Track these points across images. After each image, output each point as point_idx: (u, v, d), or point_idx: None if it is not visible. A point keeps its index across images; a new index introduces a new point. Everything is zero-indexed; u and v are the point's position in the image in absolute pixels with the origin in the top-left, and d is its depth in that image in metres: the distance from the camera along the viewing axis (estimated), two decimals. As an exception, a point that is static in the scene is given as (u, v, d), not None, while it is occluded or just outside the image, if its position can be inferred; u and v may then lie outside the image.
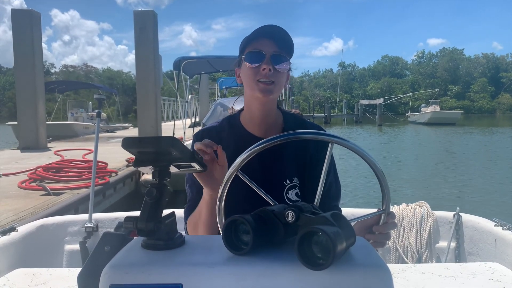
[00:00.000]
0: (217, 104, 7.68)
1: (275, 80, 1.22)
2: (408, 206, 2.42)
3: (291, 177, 1.30)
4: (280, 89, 1.27)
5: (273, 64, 1.21)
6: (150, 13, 11.05)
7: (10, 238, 1.93)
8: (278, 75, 1.23)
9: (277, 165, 1.29)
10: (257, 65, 1.21)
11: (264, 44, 1.22)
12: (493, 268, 1.46)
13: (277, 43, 1.22)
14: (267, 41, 1.22)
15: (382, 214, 1.06)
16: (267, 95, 1.23)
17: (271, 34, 1.22)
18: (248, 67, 1.23)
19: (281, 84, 1.26)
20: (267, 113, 1.30)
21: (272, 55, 1.21)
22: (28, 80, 10.74)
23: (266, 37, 1.22)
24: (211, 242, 0.83)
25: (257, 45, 1.22)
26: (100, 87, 22.96)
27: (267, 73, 1.20)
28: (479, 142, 21.05)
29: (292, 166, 1.31)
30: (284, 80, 1.27)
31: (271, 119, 1.32)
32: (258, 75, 1.21)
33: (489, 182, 9.98)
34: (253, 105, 1.29)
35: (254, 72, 1.22)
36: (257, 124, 1.31)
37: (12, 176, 6.55)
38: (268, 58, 1.21)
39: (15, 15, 10.92)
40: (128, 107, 52.33)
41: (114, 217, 2.32)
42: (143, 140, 0.76)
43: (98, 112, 2.86)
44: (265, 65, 1.20)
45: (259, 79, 1.22)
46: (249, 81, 1.24)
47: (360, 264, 0.71)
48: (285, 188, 1.28)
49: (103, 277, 0.70)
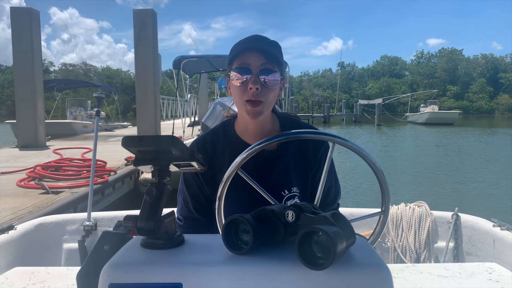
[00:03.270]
0: (216, 103, 7.66)
1: (263, 100, 1.16)
2: (406, 206, 2.42)
3: (290, 187, 1.27)
4: (270, 106, 1.22)
5: (261, 76, 1.15)
6: (149, 12, 11.03)
7: (9, 236, 1.93)
8: (267, 92, 1.17)
9: (275, 175, 1.27)
10: (244, 81, 1.16)
11: (251, 57, 1.16)
12: (491, 268, 1.46)
13: (265, 54, 1.16)
14: (254, 53, 1.16)
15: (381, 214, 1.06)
16: (256, 117, 1.18)
17: (256, 46, 1.17)
18: (235, 85, 1.18)
19: (271, 101, 1.21)
20: (261, 125, 1.26)
21: (261, 69, 1.15)
22: (27, 79, 10.72)
23: (252, 49, 1.16)
24: (211, 242, 0.83)
25: (244, 59, 1.16)
26: (99, 86, 22.96)
27: (254, 92, 1.15)
28: (478, 142, 21.08)
29: (291, 175, 1.29)
30: (275, 94, 1.22)
31: (265, 128, 1.28)
32: (245, 95, 1.16)
33: (487, 182, 9.99)
34: (246, 119, 1.24)
35: (241, 91, 1.17)
36: (252, 135, 1.27)
37: (10, 174, 6.54)
38: (256, 75, 1.15)
39: (14, 13, 10.89)
40: (127, 106, 52.32)
41: (113, 215, 2.31)
42: (143, 139, 0.76)
43: (97, 111, 2.85)
44: (251, 85, 1.14)
45: (247, 99, 1.16)
46: (237, 100, 1.20)
47: (360, 264, 0.71)
48: (284, 199, 1.26)
49: (103, 276, 0.70)
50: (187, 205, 1.33)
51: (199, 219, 1.34)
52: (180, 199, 1.36)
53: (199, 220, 1.34)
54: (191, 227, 1.34)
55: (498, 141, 21.74)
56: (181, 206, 1.35)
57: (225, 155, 1.27)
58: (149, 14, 10.98)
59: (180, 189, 1.35)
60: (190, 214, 1.34)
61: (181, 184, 1.35)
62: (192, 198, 1.32)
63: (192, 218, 1.34)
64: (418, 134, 27.32)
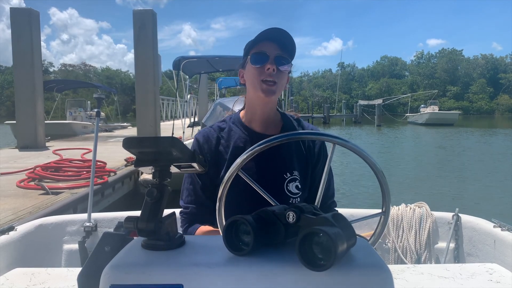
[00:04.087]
0: (216, 104, 7.68)
1: (277, 81, 1.29)
2: (407, 207, 2.42)
3: (292, 171, 1.34)
4: (281, 90, 1.33)
5: (276, 65, 1.27)
6: (149, 12, 11.03)
7: (9, 237, 1.93)
8: (281, 75, 1.30)
9: (278, 158, 1.35)
10: (261, 65, 1.28)
11: (268, 47, 1.28)
12: (492, 269, 1.46)
13: (280, 46, 1.29)
14: (271, 44, 1.28)
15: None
16: (270, 95, 1.29)
17: (275, 37, 1.28)
18: (253, 67, 1.29)
19: (283, 85, 1.33)
20: (269, 112, 1.37)
21: (276, 56, 1.28)
22: (26, 79, 10.72)
23: (270, 40, 1.28)
24: (212, 243, 0.83)
25: (262, 47, 1.29)
26: (99, 86, 22.94)
27: (271, 72, 1.27)
28: (478, 142, 21.08)
29: (293, 160, 1.37)
30: (285, 81, 1.35)
31: (271, 117, 1.39)
32: (263, 75, 1.28)
33: (488, 183, 9.98)
34: (256, 104, 1.36)
35: (259, 72, 1.28)
36: (258, 121, 1.38)
37: (10, 175, 6.53)
38: (272, 59, 1.27)
39: (13, 13, 10.89)
40: (127, 106, 52.34)
41: (113, 216, 2.31)
42: (144, 140, 0.76)
43: (97, 112, 2.84)
44: (269, 65, 1.26)
45: (263, 79, 1.28)
46: (254, 80, 1.30)
47: (361, 265, 0.71)
48: (286, 181, 1.33)
49: (104, 277, 0.70)
50: (195, 189, 1.37)
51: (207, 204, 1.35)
52: (187, 184, 1.39)
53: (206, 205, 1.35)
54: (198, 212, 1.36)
55: (498, 141, 21.74)
56: (188, 192, 1.39)
57: (232, 139, 1.37)
58: (149, 14, 10.98)
59: (187, 176, 1.39)
60: (198, 198, 1.37)
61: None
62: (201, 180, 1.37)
63: (199, 202, 1.37)
64: (418, 135, 27.32)
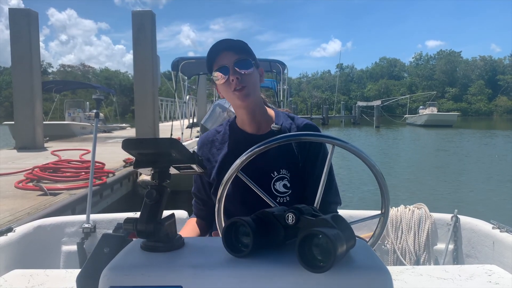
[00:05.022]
0: (215, 105, 7.67)
1: (246, 84, 1.33)
2: (406, 208, 2.42)
3: (279, 169, 1.36)
4: (255, 88, 1.36)
5: (236, 68, 1.31)
6: (148, 13, 11.03)
7: (7, 238, 1.92)
8: (247, 78, 1.33)
9: (264, 158, 1.32)
10: (225, 79, 1.32)
11: (223, 58, 1.33)
12: (491, 270, 1.46)
13: (235, 50, 1.33)
14: (224, 53, 1.33)
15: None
16: (246, 99, 1.33)
17: (226, 46, 1.33)
18: (220, 84, 1.35)
19: (254, 84, 1.36)
20: (253, 113, 1.40)
21: (234, 63, 1.32)
22: (25, 80, 10.69)
23: (223, 50, 1.33)
24: (211, 244, 0.83)
25: (218, 61, 1.34)
26: (98, 87, 22.88)
27: (236, 81, 1.31)
28: (477, 144, 21.12)
29: (281, 157, 1.37)
30: (256, 78, 1.37)
31: (259, 116, 1.42)
32: (231, 87, 1.32)
33: (487, 184, 10.00)
34: (239, 111, 1.41)
35: (226, 86, 1.33)
36: (248, 123, 1.42)
37: (8, 176, 6.52)
38: (232, 68, 1.31)
39: (12, 14, 10.87)
40: (126, 107, 52.37)
41: (112, 218, 2.31)
42: (143, 141, 0.76)
43: (96, 112, 2.84)
44: (232, 76, 1.31)
45: (233, 90, 1.32)
46: (226, 94, 1.37)
47: (360, 267, 0.71)
48: (272, 180, 1.34)
49: (103, 279, 0.70)
50: (197, 186, 1.51)
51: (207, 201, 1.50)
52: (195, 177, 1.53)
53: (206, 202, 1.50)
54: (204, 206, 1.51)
55: (497, 142, 21.78)
56: (194, 185, 1.53)
57: (226, 141, 1.45)
58: (148, 15, 10.98)
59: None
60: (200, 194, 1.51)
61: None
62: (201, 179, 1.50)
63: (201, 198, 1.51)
64: (417, 136, 27.35)
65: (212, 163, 1.43)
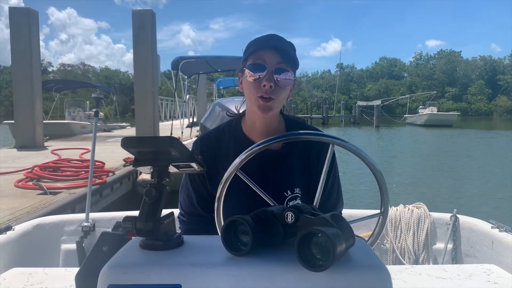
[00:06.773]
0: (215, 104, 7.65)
1: (275, 97, 1.18)
2: (405, 208, 2.42)
3: (293, 188, 1.27)
4: (280, 104, 1.23)
5: (275, 75, 1.16)
6: (148, 13, 11.02)
7: (7, 237, 1.92)
8: (279, 90, 1.18)
9: (278, 175, 1.28)
10: (258, 78, 1.17)
11: (267, 56, 1.17)
12: (489, 270, 1.46)
13: (281, 53, 1.17)
14: (271, 52, 1.17)
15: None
16: (266, 112, 1.20)
17: (274, 44, 1.18)
18: (249, 81, 1.19)
19: (282, 99, 1.22)
20: (269, 124, 1.28)
21: (275, 68, 1.17)
22: (25, 79, 10.69)
23: (269, 47, 1.18)
24: (210, 243, 0.83)
25: (261, 56, 1.18)
26: (98, 86, 22.90)
27: (268, 90, 1.16)
28: (477, 144, 21.12)
29: (294, 176, 1.29)
30: (287, 94, 1.23)
31: (272, 126, 1.29)
32: (259, 91, 1.17)
33: (486, 184, 10.00)
34: (254, 116, 1.27)
35: (255, 87, 1.18)
36: (259, 132, 1.28)
37: (8, 175, 6.51)
38: (270, 73, 1.16)
39: (12, 13, 10.86)
40: (126, 107, 52.34)
41: (111, 216, 2.31)
42: (143, 140, 0.76)
43: (96, 111, 2.84)
44: (265, 82, 1.16)
45: (259, 95, 1.18)
46: (250, 95, 1.21)
47: (359, 266, 0.71)
48: (286, 199, 1.26)
49: (102, 277, 0.70)
50: (191, 201, 1.33)
51: (203, 215, 1.33)
52: (184, 195, 1.35)
53: (203, 216, 1.33)
54: (195, 223, 1.33)
55: (496, 142, 21.79)
56: (185, 202, 1.35)
57: (230, 153, 1.27)
58: (148, 15, 10.97)
59: (183, 185, 1.35)
60: (194, 209, 1.33)
61: (185, 180, 1.35)
62: (196, 193, 1.32)
63: (196, 213, 1.33)
64: (417, 136, 27.35)
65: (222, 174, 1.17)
